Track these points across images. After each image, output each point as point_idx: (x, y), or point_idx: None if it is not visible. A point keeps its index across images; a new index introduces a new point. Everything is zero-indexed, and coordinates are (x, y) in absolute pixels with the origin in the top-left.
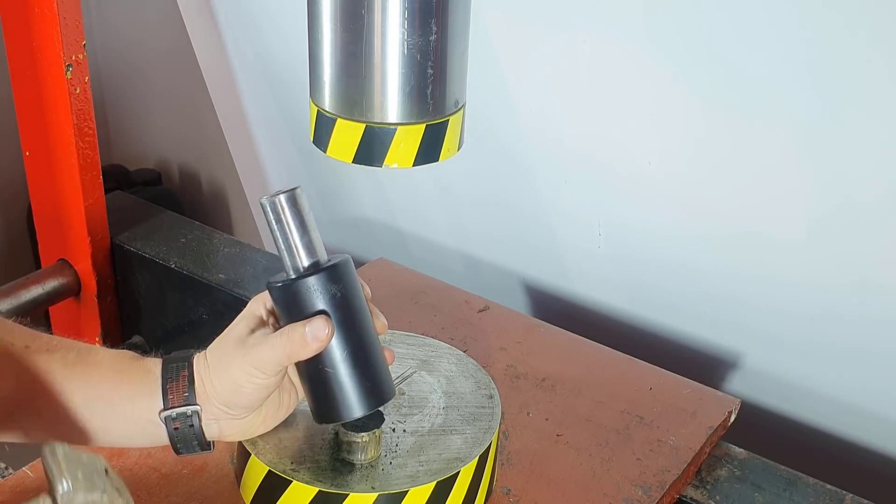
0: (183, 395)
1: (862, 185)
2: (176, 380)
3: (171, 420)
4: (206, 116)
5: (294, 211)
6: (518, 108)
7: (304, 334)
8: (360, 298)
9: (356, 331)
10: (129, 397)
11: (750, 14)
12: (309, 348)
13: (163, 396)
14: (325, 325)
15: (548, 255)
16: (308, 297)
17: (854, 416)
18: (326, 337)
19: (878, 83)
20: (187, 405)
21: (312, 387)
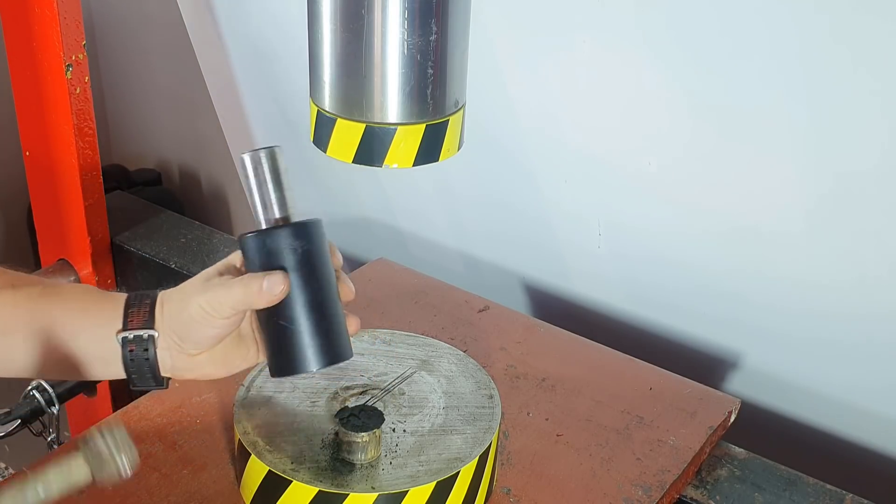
0: (143, 320)
1: (861, 183)
2: (138, 306)
3: (128, 342)
4: (206, 116)
5: (271, 166)
6: (518, 108)
7: (260, 285)
8: (324, 258)
9: (316, 288)
10: (91, 325)
11: (747, 14)
12: (262, 299)
13: (123, 319)
14: (282, 280)
15: (548, 254)
16: (273, 249)
17: (854, 416)
18: (281, 292)
19: (875, 82)
20: (144, 329)
21: (268, 339)
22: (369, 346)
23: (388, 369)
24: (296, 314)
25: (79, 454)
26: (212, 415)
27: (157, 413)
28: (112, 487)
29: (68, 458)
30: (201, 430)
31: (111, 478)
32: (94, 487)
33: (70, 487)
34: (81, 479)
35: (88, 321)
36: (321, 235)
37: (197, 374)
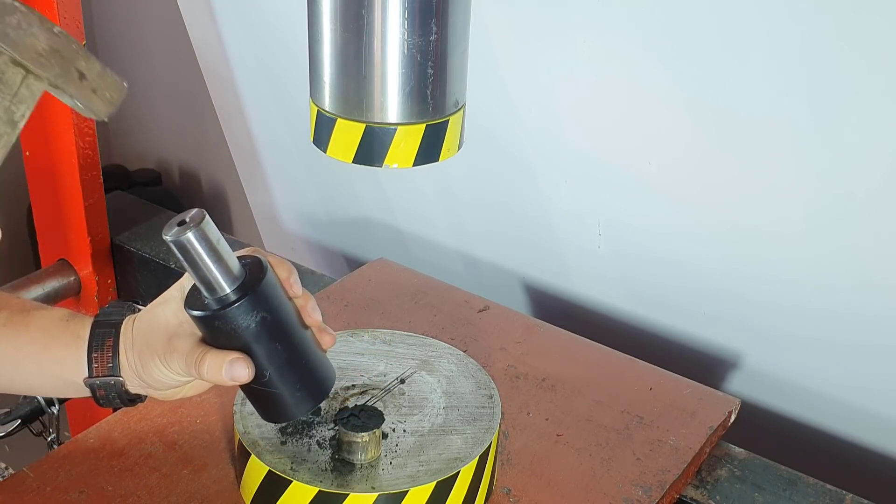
0: (107, 367)
1: (860, 184)
2: (101, 349)
3: (96, 387)
4: (206, 116)
5: (203, 244)
6: (518, 108)
7: (221, 373)
8: (284, 313)
9: (282, 349)
10: (56, 360)
11: (747, 15)
12: (227, 384)
13: (88, 364)
14: (244, 367)
15: (548, 254)
16: (227, 329)
17: (854, 416)
18: (245, 379)
19: (877, 83)
20: (110, 376)
21: (250, 397)
22: (369, 346)
23: (388, 369)
24: (268, 379)
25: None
26: (212, 415)
27: (157, 413)
28: (112, 487)
29: None
30: (201, 430)
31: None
32: (94, 486)
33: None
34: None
35: (53, 356)
36: (273, 288)
37: (171, 399)
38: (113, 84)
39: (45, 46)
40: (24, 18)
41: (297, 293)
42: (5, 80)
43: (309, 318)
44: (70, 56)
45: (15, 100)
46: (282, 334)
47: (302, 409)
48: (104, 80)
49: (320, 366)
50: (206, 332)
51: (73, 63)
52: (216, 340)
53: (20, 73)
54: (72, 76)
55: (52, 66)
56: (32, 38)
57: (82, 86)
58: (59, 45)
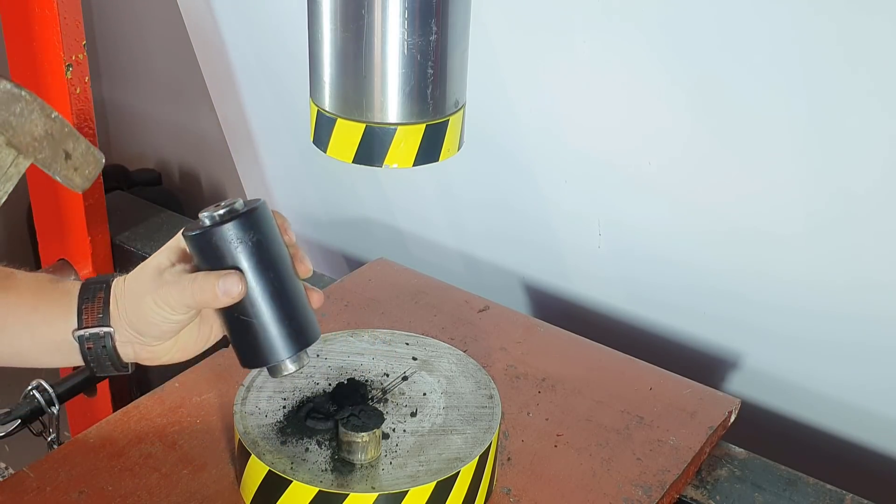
0: (97, 317)
1: (860, 184)
2: (92, 301)
3: (85, 339)
4: (206, 116)
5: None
6: (518, 108)
7: (215, 287)
8: (276, 244)
9: (272, 278)
10: (46, 318)
11: (747, 15)
12: (219, 301)
13: (78, 316)
14: (238, 282)
15: (548, 254)
16: (223, 245)
17: (854, 416)
18: (238, 294)
19: (876, 83)
20: (100, 326)
21: (232, 333)
22: (369, 346)
23: (388, 369)
24: (256, 308)
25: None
26: (212, 415)
27: (157, 413)
28: (112, 487)
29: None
30: (201, 430)
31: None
32: (94, 486)
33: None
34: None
35: (42, 316)
36: (269, 220)
37: (161, 360)
38: (93, 161)
39: (41, 132)
40: (27, 107)
41: (292, 240)
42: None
43: (301, 266)
44: (61, 139)
45: (3, 178)
46: (275, 262)
47: (285, 350)
48: (86, 159)
49: (308, 312)
50: (200, 253)
51: (63, 145)
52: (210, 263)
53: (12, 154)
54: (59, 157)
55: (43, 150)
56: (31, 124)
57: (66, 165)
58: (54, 130)
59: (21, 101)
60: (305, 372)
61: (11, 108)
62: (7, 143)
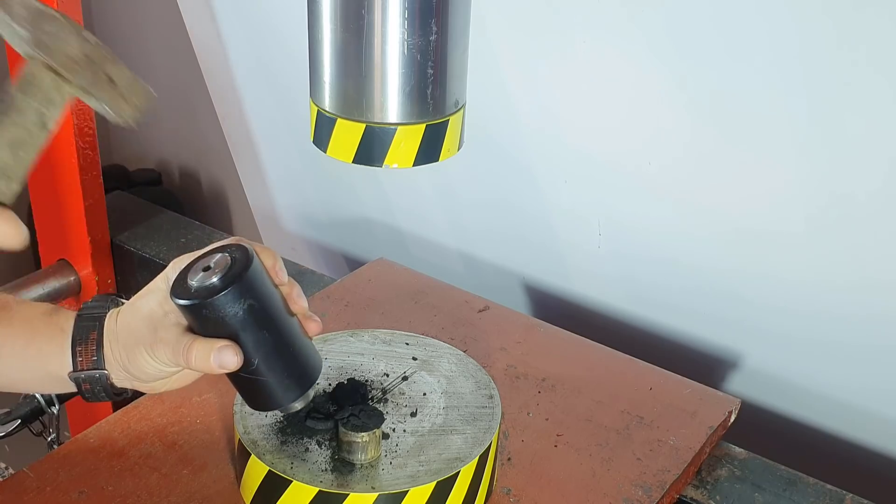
0: (91, 360)
1: (860, 184)
2: (85, 342)
3: (81, 381)
4: (206, 116)
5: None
6: (518, 108)
7: (209, 360)
8: (269, 301)
9: (269, 337)
10: (41, 355)
11: (747, 15)
12: (215, 372)
13: (72, 358)
14: (233, 355)
15: (548, 254)
16: (215, 315)
17: (854, 416)
18: (234, 367)
19: (877, 83)
20: (95, 369)
21: (237, 386)
22: (369, 346)
23: (388, 369)
24: (255, 368)
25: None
26: (212, 415)
27: (157, 413)
28: (112, 487)
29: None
30: (201, 430)
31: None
32: (94, 486)
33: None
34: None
35: (36, 351)
36: (259, 276)
37: (157, 391)
38: (141, 91)
39: (78, 53)
40: (60, 27)
41: (283, 280)
42: (38, 85)
43: (295, 306)
44: (101, 63)
45: (47, 104)
46: (269, 321)
47: (289, 396)
48: (133, 87)
49: (307, 353)
50: (192, 320)
51: (104, 69)
52: (203, 329)
53: (53, 78)
54: (102, 82)
55: (83, 72)
56: (66, 45)
57: (112, 92)
58: (92, 53)
59: (54, 21)
60: None
61: (43, 27)
62: (45, 66)
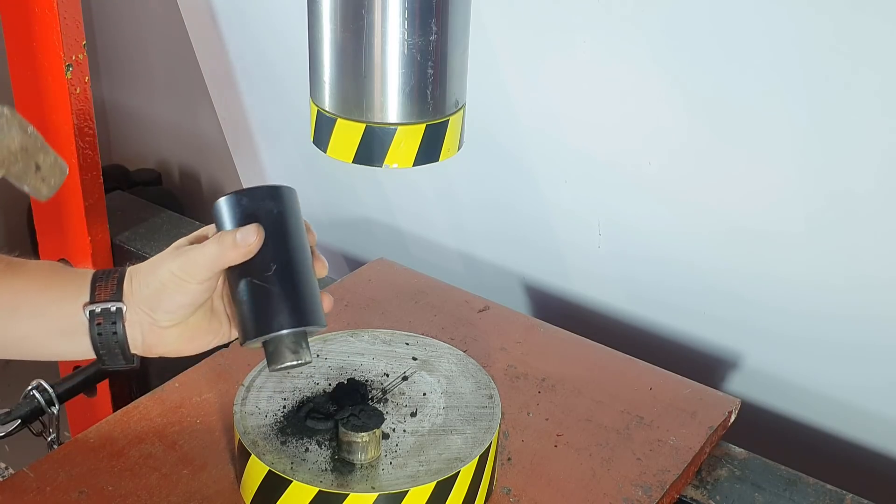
0: (110, 293)
1: (860, 184)
2: (105, 280)
3: (95, 315)
4: (206, 116)
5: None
6: (518, 108)
7: (233, 237)
8: (297, 224)
9: (289, 249)
10: (56, 299)
11: (747, 15)
12: (237, 251)
13: (90, 292)
14: (255, 231)
15: (548, 254)
16: (247, 209)
17: (854, 416)
18: (255, 242)
19: (875, 83)
20: (112, 301)
21: (241, 300)
22: (369, 346)
23: (388, 369)
24: (269, 273)
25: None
26: (212, 415)
27: (157, 413)
28: (112, 487)
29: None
30: (201, 430)
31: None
32: (94, 486)
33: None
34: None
35: (53, 295)
36: (295, 202)
37: (168, 349)
38: (59, 172)
39: (17, 146)
40: (6, 123)
41: (313, 240)
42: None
43: (318, 263)
44: (34, 153)
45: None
46: (295, 236)
47: (291, 320)
48: (53, 170)
49: (316, 298)
50: (225, 216)
51: (35, 158)
52: (233, 224)
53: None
54: (30, 170)
55: (17, 163)
56: (9, 139)
57: (36, 176)
58: (29, 144)
59: (2, 117)
60: (305, 372)
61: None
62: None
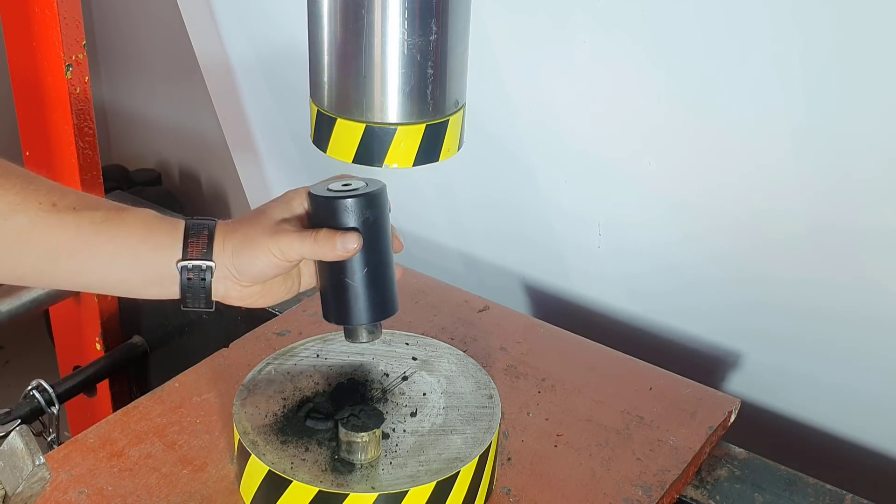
0: (202, 251)
1: (861, 184)
2: (197, 237)
3: (187, 270)
4: (206, 116)
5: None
6: (518, 107)
7: (335, 242)
8: (387, 225)
9: (379, 252)
10: (154, 247)
11: (747, 15)
12: (335, 254)
13: (183, 248)
14: (356, 240)
15: (548, 254)
16: (344, 214)
17: (854, 416)
18: (353, 251)
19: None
20: (203, 259)
21: (331, 290)
22: (369, 346)
23: (388, 369)
24: (358, 274)
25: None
26: (212, 415)
27: (157, 413)
28: (112, 487)
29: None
30: (201, 430)
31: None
32: (94, 486)
33: None
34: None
35: (150, 246)
36: (386, 203)
37: (245, 302)
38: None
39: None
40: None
41: (394, 229)
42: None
43: (395, 242)
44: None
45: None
46: (385, 239)
47: (368, 316)
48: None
49: (394, 290)
50: (324, 215)
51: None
52: (330, 225)
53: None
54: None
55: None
56: (30, 489)
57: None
58: (36, 488)
59: (45, 483)
60: (305, 372)
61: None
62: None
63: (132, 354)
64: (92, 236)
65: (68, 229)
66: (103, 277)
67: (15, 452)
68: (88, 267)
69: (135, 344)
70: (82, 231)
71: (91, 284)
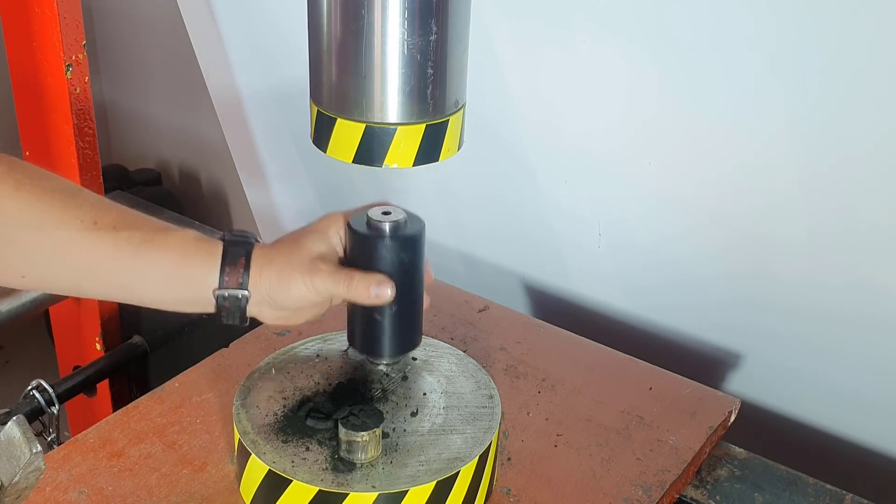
0: (238, 281)
1: (861, 184)
2: (234, 265)
3: (224, 298)
4: (206, 116)
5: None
6: (518, 107)
7: (369, 289)
8: (422, 265)
9: (411, 291)
10: (189, 275)
11: (747, 15)
12: (367, 300)
13: (220, 277)
14: (389, 288)
15: (548, 254)
16: (386, 254)
17: (854, 416)
18: (386, 300)
19: (876, 81)
20: (239, 289)
21: (359, 321)
22: None
23: (389, 369)
24: (388, 311)
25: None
26: (212, 415)
27: (157, 413)
28: (112, 487)
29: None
30: (201, 430)
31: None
32: (94, 486)
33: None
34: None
35: (188, 272)
36: (423, 242)
37: (277, 321)
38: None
39: (23, 483)
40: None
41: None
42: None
43: (427, 275)
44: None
45: None
46: (419, 280)
47: (400, 349)
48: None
49: (421, 325)
50: (362, 251)
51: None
52: (366, 263)
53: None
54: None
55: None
56: (25, 480)
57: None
58: (32, 480)
59: (40, 472)
60: (305, 372)
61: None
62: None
63: (132, 354)
64: (129, 258)
65: (106, 248)
66: (141, 295)
67: (12, 442)
68: (124, 285)
69: (135, 344)
70: (120, 251)
71: (127, 299)
